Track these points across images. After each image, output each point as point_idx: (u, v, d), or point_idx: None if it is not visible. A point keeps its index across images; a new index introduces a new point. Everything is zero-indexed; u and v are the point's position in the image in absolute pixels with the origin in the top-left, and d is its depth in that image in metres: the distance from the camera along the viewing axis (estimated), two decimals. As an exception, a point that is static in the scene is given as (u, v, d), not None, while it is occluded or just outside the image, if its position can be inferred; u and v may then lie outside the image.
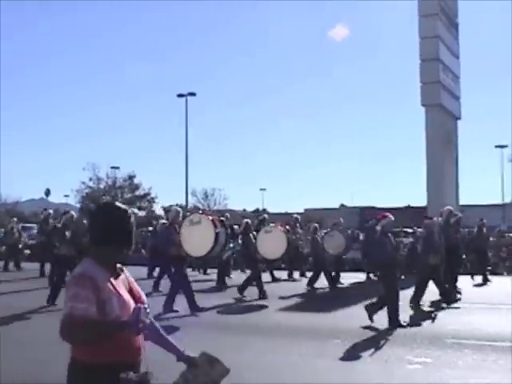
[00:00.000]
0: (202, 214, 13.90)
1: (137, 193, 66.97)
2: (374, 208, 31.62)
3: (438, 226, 14.21)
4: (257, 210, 68.11)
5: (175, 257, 13.12)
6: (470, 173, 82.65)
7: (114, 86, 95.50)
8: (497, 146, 50.34)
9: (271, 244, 16.18)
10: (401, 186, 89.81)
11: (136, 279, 3.52)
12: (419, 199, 38.87)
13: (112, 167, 63.45)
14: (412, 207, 34.40)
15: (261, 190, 75.03)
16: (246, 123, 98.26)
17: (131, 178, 65.81)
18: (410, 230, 24.78)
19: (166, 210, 15.62)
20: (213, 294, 16.71)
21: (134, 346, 3.23)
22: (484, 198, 65.35)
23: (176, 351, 3.49)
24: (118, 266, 3.38)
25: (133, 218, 3.44)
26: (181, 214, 13.99)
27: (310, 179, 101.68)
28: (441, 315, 12.47)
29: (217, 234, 12.97)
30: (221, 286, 18.20)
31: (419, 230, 26.08)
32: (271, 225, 17.40)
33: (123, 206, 3.44)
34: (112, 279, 3.27)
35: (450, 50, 31.31)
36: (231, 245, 18.89)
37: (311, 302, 15.56)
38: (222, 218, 15.41)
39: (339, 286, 18.27)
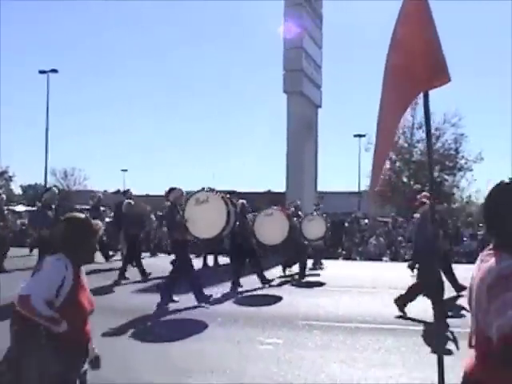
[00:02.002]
0: (210, 191, 12.39)
1: (-7, 171, 64.34)
2: (234, 192, 31.71)
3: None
4: (118, 191, 66.73)
5: (179, 241, 11.95)
6: (330, 160, 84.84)
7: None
8: (355, 136, 51.92)
9: (271, 229, 15.01)
10: (262, 170, 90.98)
11: None
12: (279, 185, 39.55)
13: (-32, 145, 60.85)
14: (272, 192, 34.93)
15: (122, 170, 73.38)
16: (108, 103, 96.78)
17: (-13, 155, 63.30)
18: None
19: (170, 189, 13.97)
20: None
21: None
22: (342, 186, 67.39)
23: None
24: None
25: None
26: (184, 195, 12.56)
27: (171, 161, 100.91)
28: (292, 298, 12.79)
29: (228, 213, 11.95)
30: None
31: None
32: (272, 207, 16.21)
33: None
34: None
35: (314, 40, 32.01)
36: None
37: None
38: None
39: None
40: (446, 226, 13.37)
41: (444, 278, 11.58)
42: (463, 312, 10.64)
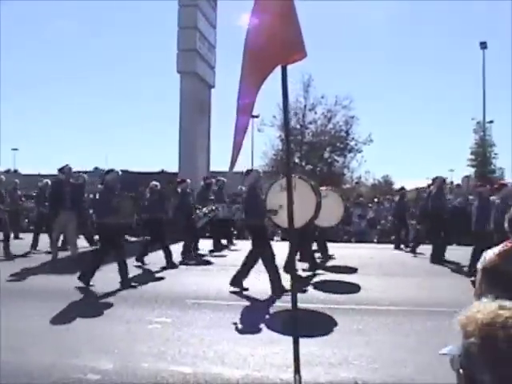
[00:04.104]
0: (299, 178, 11.50)
1: None
2: (127, 172, 31.37)
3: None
4: (8, 171, 64.79)
5: (257, 226, 11.11)
6: (223, 140, 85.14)
7: None
8: (248, 116, 52.10)
9: (326, 210, 13.31)
10: (154, 150, 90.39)
11: None
12: (172, 164, 39.36)
13: None
14: (166, 172, 34.75)
15: (13, 149, 71.09)
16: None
17: None
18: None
19: (248, 171, 12.71)
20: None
21: None
22: (235, 166, 67.54)
23: None
24: None
25: None
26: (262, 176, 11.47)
27: (63, 140, 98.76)
28: (182, 276, 12.85)
29: (317, 204, 11.36)
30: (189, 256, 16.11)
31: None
32: (324, 188, 14.78)
33: None
34: None
35: (208, 20, 31.90)
36: (205, 210, 17.01)
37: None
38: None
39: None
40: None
41: None
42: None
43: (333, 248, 16.48)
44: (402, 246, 19.51)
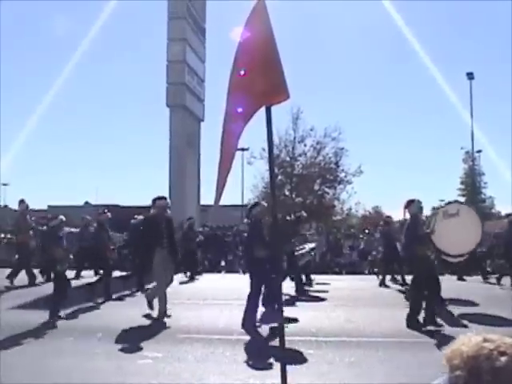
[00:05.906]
0: (461, 204, 11.46)
1: None
2: (118, 206, 31.35)
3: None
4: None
5: (419, 256, 10.37)
6: (213, 174, 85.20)
7: None
8: (238, 149, 52.16)
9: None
10: (144, 184, 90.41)
11: None
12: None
13: None
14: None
15: (4, 185, 70.97)
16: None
17: None
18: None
19: (409, 201, 11.68)
20: None
21: None
22: (225, 199, 67.64)
23: None
24: None
25: None
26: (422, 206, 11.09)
27: (53, 175, 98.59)
28: (172, 311, 12.72)
29: (482, 229, 11.24)
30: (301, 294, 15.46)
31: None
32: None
33: None
34: None
35: (197, 54, 32.21)
36: (307, 247, 16.08)
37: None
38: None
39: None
40: None
41: None
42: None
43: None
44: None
